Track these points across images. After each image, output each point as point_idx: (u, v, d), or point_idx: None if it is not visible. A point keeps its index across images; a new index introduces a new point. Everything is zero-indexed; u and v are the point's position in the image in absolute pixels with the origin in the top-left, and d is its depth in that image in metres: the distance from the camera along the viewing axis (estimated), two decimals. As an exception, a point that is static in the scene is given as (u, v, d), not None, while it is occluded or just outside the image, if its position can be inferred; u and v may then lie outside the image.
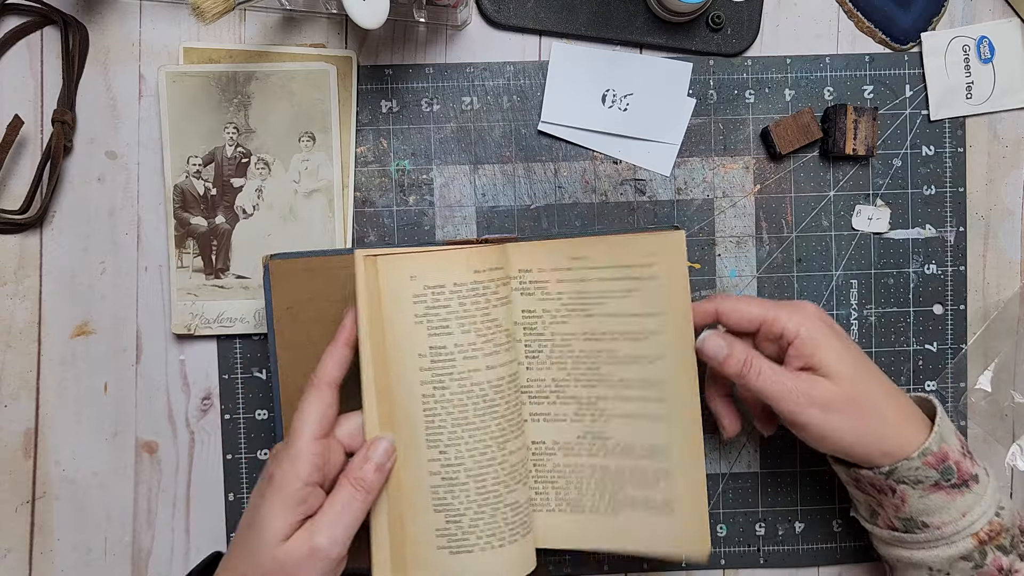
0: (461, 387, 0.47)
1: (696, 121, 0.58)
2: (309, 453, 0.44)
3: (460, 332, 0.47)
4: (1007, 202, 0.60)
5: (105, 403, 0.57)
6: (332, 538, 0.43)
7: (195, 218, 0.56)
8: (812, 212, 0.59)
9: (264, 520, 0.43)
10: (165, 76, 0.56)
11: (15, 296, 0.56)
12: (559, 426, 0.52)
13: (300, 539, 0.42)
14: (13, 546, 0.56)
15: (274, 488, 0.43)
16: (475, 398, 0.47)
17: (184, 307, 0.56)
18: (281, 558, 0.42)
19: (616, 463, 0.51)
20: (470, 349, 0.47)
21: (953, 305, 0.59)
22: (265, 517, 0.43)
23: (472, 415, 0.47)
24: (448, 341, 0.47)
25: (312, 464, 0.43)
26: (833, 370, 0.46)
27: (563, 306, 0.51)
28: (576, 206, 0.58)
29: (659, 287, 0.49)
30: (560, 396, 0.52)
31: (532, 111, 0.58)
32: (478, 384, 0.47)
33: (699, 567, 0.58)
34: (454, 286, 0.47)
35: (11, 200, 0.56)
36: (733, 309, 0.49)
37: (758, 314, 0.48)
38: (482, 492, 0.48)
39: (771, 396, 0.47)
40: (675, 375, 0.49)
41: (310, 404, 0.45)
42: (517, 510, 0.49)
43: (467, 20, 0.57)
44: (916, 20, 0.59)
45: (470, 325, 0.47)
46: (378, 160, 0.57)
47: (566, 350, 0.51)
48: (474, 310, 0.48)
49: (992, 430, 0.59)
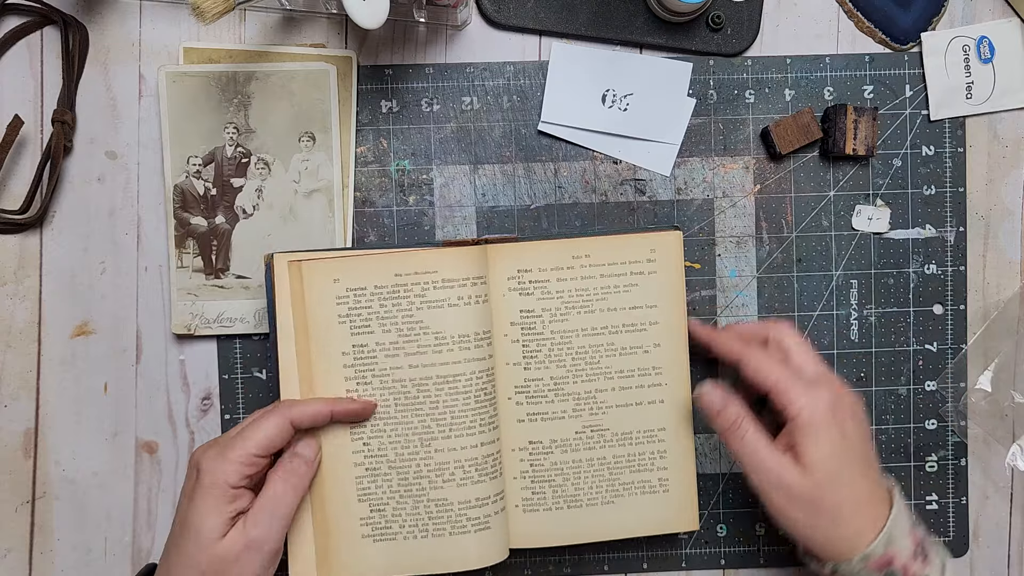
0: (382, 383, 0.50)
1: (696, 121, 0.58)
2: (243, 464, 0.45)
3: (381, 331, 0.51)
4: (1007, 202, 0.60)
5: (105, 403, 0.57)
6: (267, 531, 0.44)
7: (195, 218, 0.56)
8: (812, 212, 0.59)
9: (197, 520, 0.44)
10: (165, 76, 0.56)
11: (15, 296, 0.56)
12: (557, 424, 0.53)
13: (236, 534, 0.44)
14: (13, 546, 0.56)
15: (203, 490, 0.44)
16: (396, 394, 0.50)
17: (184, 307, 0.56)
18: (220, 554, 0.43)
19: (614, 452, 0.53)
20: (391, 347, 0.50)
21: (953, 305, 0.59)
22: (198, 517, 0.44)
23: (394, 410, 0.51)
24: (370, 340, 0.51)
25: (241, 473, 0.45)
26: (812, 466, 0.46)
27: (563, 303, 0.53)
28: (576, 206, 0.58)
29: (657, 281, 0.53)
30: (559, 394, 0.53)
31: (532, 111, 0.58)
32: (399, 381, 0.50)
33: (699, 567, 0.58)
34: (375, 288, 0.50)
35: (11, 200, 0.56)
36: (755, 367, 0.49)
37: (773, 382, 0.48)
38: (404, 483, 0.50)
39: (745, 464, 0.48)
40: (671, 360, 0.54)
41: (266, 426, 0.46)
42: (444, 507, 0.50)
43: (467, 20, 0.57)
44: (916, 20, 0.59)
45: (391, 325, 0.50)
46: (378, 160, 0.57)
47: (565, 347, 0.53)
48: (395, 311, 0.50)
49: (992, 430, 0.59)
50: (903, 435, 0.59)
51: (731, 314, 0.58)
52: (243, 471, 0.45)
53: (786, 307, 0.58)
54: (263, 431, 0.46)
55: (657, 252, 0.53)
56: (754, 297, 0.58)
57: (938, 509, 0.59)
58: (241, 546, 0.44)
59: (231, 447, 0.45)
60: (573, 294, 0.53)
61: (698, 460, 0.58)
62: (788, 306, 0.58)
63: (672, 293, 0.53)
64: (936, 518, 0.59)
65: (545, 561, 0.58)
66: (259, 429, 0.46)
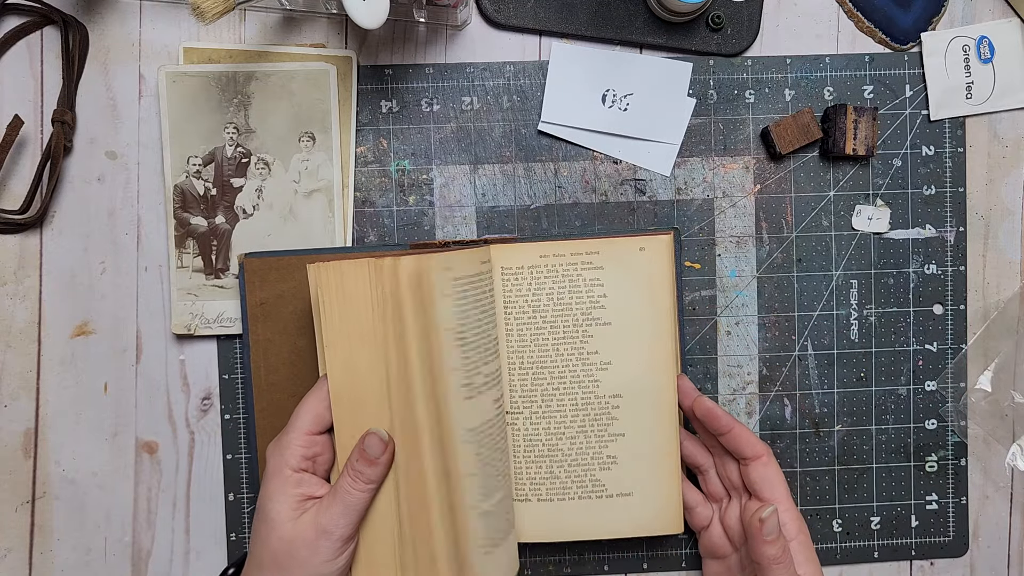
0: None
1: (696, 121, 0.58)
2: (297, 444, 0.46)
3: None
4: (1007, 202, 0.60)
5: (105, 403, 0.57)
6: (335, 519, 0.45)
7: (195, 218, 0.56)
8: (812, 212, 0.59)
9: (267, 506, 0.45)
10: (165, 76, 0.56)
11: (15, 296, 0.56)
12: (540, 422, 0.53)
13: (307, 519, 0.45)
14: (13, 546, 0.56)
15: (268, 476, 0.46)
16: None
17: (184, 307, 0.56)
18: (288, 537, 0.44)
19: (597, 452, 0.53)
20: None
21: (953, 305, 0.59)
22: (268, 503, 0.45)
23: None
24: None
25: (300, 454, 0.46)
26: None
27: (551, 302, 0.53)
28: (576, 206, 0.58)
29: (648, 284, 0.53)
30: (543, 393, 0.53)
31: (532, 111, 0.58)
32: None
33: (699, 567, 0.58)
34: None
35: (11, 200, 0.56)
36: (748, 436, 0.52)
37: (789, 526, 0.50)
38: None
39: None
40: (659, 363, 0.53)
41: (310, 402, 0.47)
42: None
43: (467, 20, 0.57)
44: (916, 20, 0.59)
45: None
46: (378, 160, 0.57)
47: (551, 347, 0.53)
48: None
49: (992, 430, 0.59)
50: (903, 435, 0.59)
51: (731, 314, 0.58)
52: (301, 452, 0.46)
53: (786, 307, 0.58)
54: (308, 409, 0.47)
55: (648, 253, 0.53)
56: (754, 297, 0.58)
57: (938, 509, 0.59)
58: (310, 533, 0.44)
59: (285, 432, 0.47)
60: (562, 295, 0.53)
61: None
62: (788, 306, 0.58)
63: (662, 296, 0.53)
64: (936, 518, 0.59)
65: (545, 561, 0.58)
66: (305, 408, 0.47)
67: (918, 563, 0.59)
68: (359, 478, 0.46)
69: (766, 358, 0.58)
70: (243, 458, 0.57)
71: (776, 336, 0.58)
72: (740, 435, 0.51)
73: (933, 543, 0.59)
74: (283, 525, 0.45)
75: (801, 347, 0.59)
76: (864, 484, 0.59)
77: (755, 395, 0.58)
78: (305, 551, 0.44)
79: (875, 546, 0.59)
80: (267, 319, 0.54)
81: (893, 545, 0.59)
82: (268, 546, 0.45)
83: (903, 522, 0.59)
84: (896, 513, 0.59)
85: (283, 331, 0.55)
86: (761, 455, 0.51)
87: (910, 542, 0.59)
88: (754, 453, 0.51)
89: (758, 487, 0.51)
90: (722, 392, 0.58)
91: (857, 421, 0.59)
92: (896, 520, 0.59)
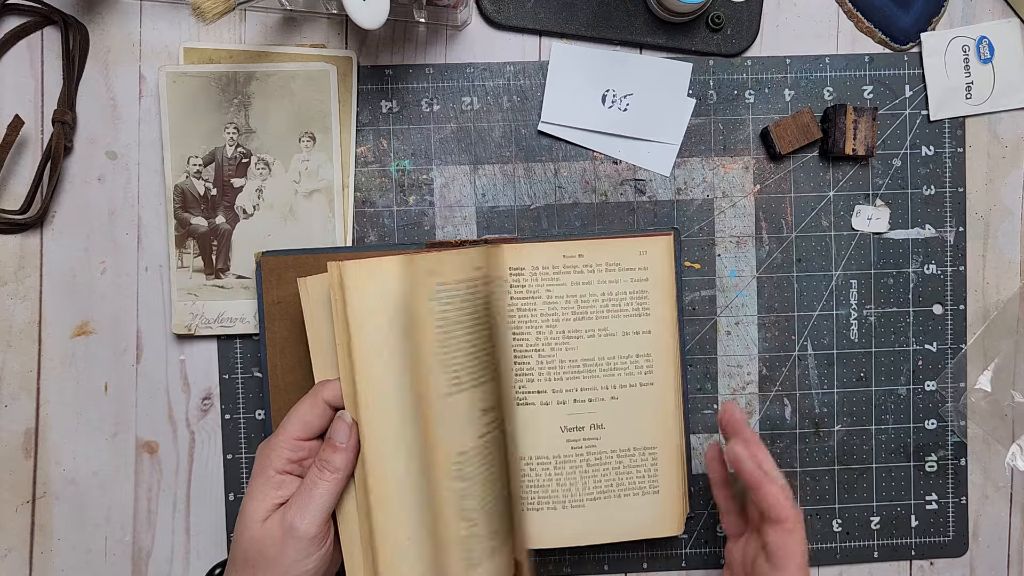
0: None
1: (696, 121, 0.58)
2: (284, 448, 0.46)
3: None
4: (1007, 202, 0.60)
5: (105, 403, 0.57)
6: (303, 517, 0.45)
7: (195, 218, 0.56)
8: (812, 212, 0.59)
9: (245, 504, 0.46)
10: (165, 76, 0.56)
11: (15, 296, 0.56)
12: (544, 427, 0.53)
13: (275, 519, 0.45)
14: (13, 546, 0.56)
15: (252, 476, 0.47)
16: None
17: (184, 307, 0.56)
18: (258, 537, 0.45)
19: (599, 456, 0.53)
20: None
21: (953, 305, 0.59)
22: (246, 501, 0.46)
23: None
24: None
25: (285, 457, 0.46)
26: None
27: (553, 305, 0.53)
28: (576, 206, 0.58)
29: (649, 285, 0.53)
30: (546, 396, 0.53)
31: (532, 111, 0.58)
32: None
33: (699, 567, 0.58)
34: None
35: (11, 200, 0.56)
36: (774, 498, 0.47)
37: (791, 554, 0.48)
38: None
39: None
40: (660, 365, 0.54)
41: (301, 409, 0.47)
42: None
43: (467, 20, 0.57)
44: (916, 20, 0.59)
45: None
46: (378, 160, 0.57)
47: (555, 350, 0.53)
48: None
49: (992, 430, 0.59)
50: (903, 435, 0.59)
51: (731, 314, 0.58)
52: (287, 455, 0.46)
53: (786, 307, 0.58)
54: (299, 414, 0.47)
55: (648, 255, 0.53)
56: (754, 297, 0.58)
57: (938, 509, 0.59)
58: (278, 532, 0.45)
59: (275, 434, 0.47)
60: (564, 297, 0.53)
61: (698, 460, 0.58)
62: (788, 306, 0.58)
63: (663, 298, 0.53)
64: (936, 518, 0.59)
65: (545, 561, 0.58)
66: (296, 413, 0.47)
67: (918, 563, 0.59)
68: (325, 467, 0.46)
69: (766, 358, 0.58)
70: (243, 458, 0.57)
71: (776, 336, 0.58)
72: (767, 495, 0.47)
73: (933, 543, 0.59)
74: (254, 524, 0.45)
75: (801, 347, 0.59)
76: (864, 484, 0.59)
77: (755, 395, 0.58)
78: (273, 550, 0.44)
79: (875, 546, 0.59)
80: (284, 318, 0.54)
81: (893, 545, 0.59)
82: (240, 545, 0.45)
83: (903, 522, 0.59)
84: (896, 513, 0.59)
85: (300, 330, 0.53)
86: (784, 520, 0.47)
87: (910, 542, 0.59)
88: (777, 517, 0.47)
89: (772, 555, 0.47)
90: (722, 392, 0.58)
91: (857, 421, 0.59)
92: (896, 520, 0.59)
